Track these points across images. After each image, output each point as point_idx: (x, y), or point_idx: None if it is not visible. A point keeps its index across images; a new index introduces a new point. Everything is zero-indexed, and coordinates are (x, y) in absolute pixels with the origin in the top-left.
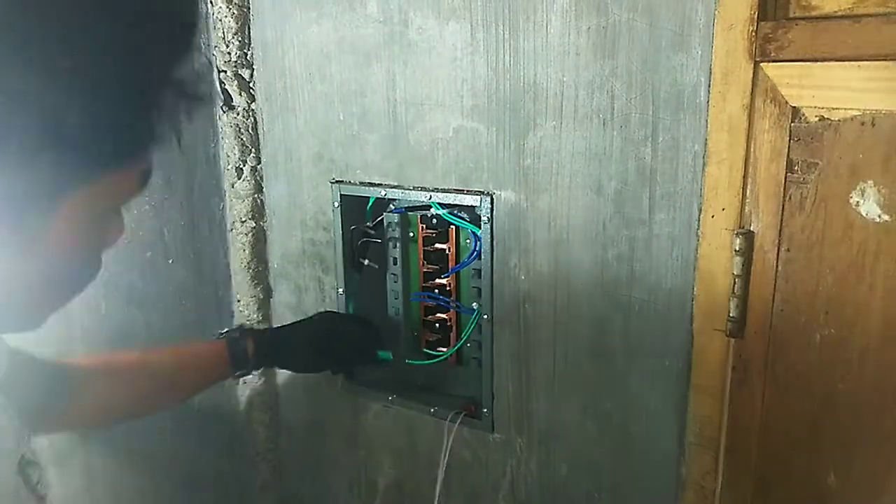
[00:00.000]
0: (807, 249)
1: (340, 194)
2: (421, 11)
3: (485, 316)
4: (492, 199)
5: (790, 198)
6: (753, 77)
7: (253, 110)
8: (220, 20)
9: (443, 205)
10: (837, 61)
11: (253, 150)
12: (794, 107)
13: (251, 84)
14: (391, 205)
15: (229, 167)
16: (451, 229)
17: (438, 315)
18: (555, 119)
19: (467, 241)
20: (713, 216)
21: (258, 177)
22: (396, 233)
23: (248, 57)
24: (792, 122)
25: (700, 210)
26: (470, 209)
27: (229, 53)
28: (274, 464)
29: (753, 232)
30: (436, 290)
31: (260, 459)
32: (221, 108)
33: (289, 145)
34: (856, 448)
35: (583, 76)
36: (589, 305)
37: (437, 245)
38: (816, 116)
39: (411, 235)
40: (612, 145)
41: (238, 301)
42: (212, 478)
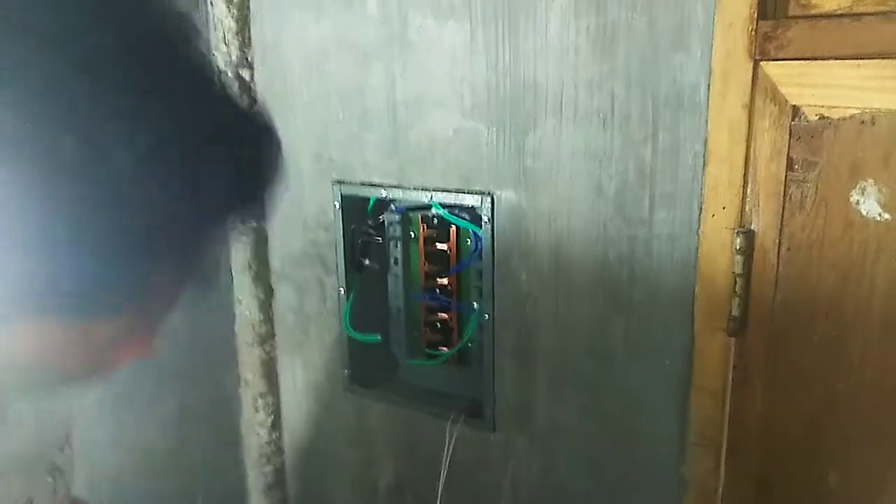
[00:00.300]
0: (807, 248)
1: (341, 194)
2: (420, 11)
3: (486, 316)
4: (492, 199)
5: (790, 197)
6: (753, 76)
7: None
8: (220, 21)
9: (443, 205)
10: (837, 60)
11: None
12: (794, 105)
13: (251, 84)
14: (392, 205)
15: None
16: (452, 229)
17: (439, 315)
18: (555, 118)
19: (468, 241)
20: (714, 215)
21: None
22: (397, 233)
23: (248, 57)
24: (792, 121)
25: (700, 209)
26: (471, 209)
27: (229, 54)
28: (276, 464)
29: (754, 231)
30: (437, 290)
31: (262, 460)
32: None
33: (289, 145)
34: (856, 447)
35: (582, 75)
36: (590, 305)
37: (438, 245)
38: (816, 115)
39: (412, 235)
40: (612, 145)
41: (239, 302)
42: (214, 478)
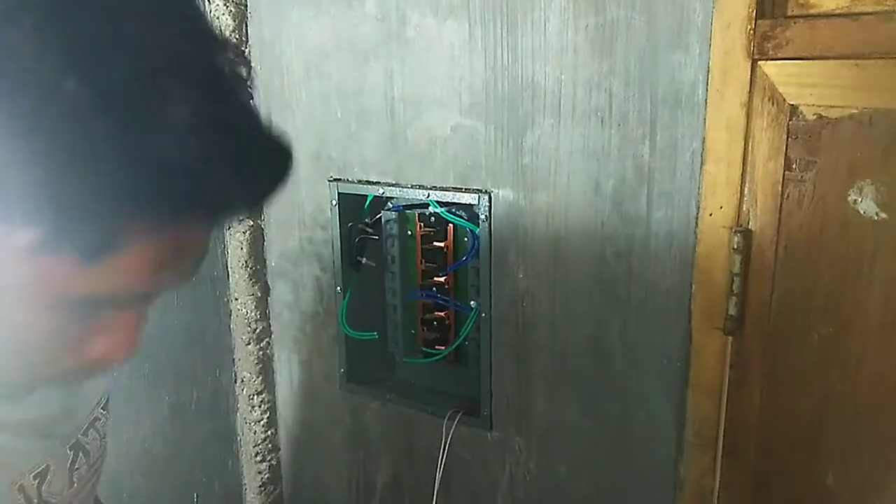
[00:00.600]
0: (805, 247)
1: (338, 192)
2: (419, 9)
3: (483, 314)
4: (490, 198)
5: (788, 196)
6: (751, 75)
7: None
8: (218, 18)
9: (441, 203)
10: (835, 59)
11: None
12: (792, 105)
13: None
14: (389, 203)
15: None
16: (450, 227)
17: (436, 313)
18: (553, 117)
19: (465, 240)
20: (711, 214)
21: None
22: (395, 231)
23: (246, 55)
24: (790, 121)
25: (698, 208)
26: (468, 207)
27: None
28: (272, 462)
29: (751, 230)
30: (434, 289)
31: (258, 458)
32: None
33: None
34: (854, 447)
35: (581, 74)
36: (587, 303)
37: (436, 243)
38: (814, 114)
39: (409, 233)
40: (611, 143)
41: (236, 299)
42: (210, 475)
